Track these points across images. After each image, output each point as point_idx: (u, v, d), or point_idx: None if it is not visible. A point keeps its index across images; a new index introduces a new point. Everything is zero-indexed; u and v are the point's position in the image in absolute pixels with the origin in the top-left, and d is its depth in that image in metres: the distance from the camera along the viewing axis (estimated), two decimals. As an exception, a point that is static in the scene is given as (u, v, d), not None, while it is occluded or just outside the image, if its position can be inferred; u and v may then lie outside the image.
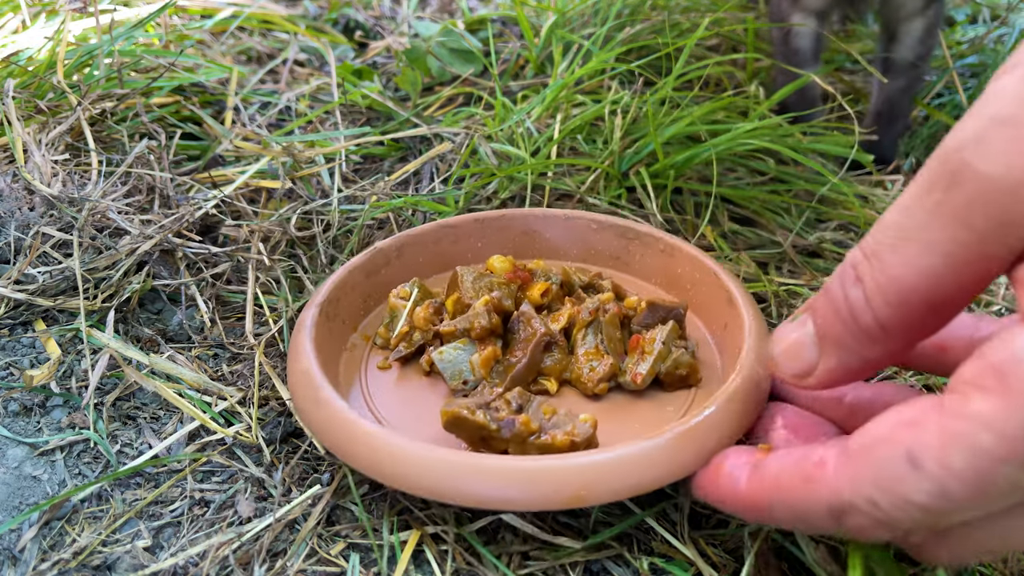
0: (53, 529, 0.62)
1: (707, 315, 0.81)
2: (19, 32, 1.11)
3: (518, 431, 0.62)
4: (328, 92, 1.23)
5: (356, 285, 0.80)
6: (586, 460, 0.58)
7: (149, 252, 0.83)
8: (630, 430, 0.69)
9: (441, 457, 0.58)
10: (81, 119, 0.93)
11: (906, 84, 1.14)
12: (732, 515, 0.61)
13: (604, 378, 0.72)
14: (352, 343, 0.78)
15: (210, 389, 0.74)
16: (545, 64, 1.25)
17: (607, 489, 0.57)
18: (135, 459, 0.67)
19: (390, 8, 1.53)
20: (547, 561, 0.61)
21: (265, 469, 0.67)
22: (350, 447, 0.61)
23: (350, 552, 0.61)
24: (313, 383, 0.65)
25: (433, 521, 0.63)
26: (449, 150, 1.06)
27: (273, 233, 0.90)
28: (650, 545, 0.63)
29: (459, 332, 0.73)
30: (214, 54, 1.27)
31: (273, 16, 1.40)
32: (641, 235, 0.87)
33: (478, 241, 0.89)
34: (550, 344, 0.74)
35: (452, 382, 0.72)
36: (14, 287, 0.79)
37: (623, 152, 1.03)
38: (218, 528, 0.62)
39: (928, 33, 1.12)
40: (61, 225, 0.83)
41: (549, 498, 0.57)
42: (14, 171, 0.87)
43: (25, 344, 0.77)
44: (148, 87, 1.03)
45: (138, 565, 0.59)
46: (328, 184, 1.01)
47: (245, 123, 1.11)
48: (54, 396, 0.72)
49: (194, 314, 0.82)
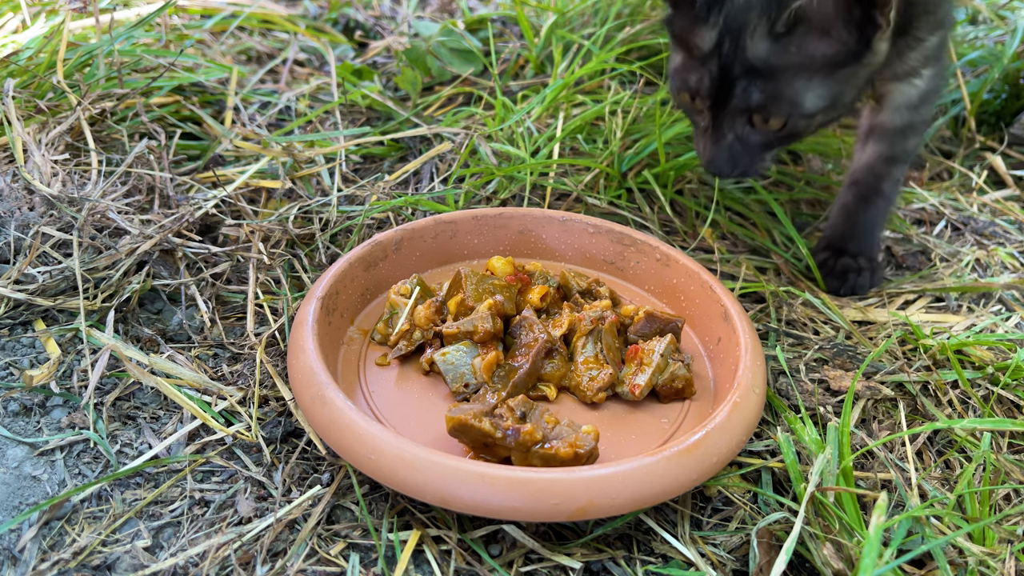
0: (53, 529, 0.62)
1: (701, 328, 0.81)
2: (19, 32, 1.11)
3: (522, 440, 0.63)
4: (328, 92, 1.23)
5: (355, 278, 0.80)
6: (591, 475, 0.59)
7: (149, 252, 0.83)
8: (627, 440, 0.70)
9: (450, 465, 0.58)
10: (81, 119, 0.93)
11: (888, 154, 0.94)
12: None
13: (603, 387, 0.72)
14: (350, 336, 0.79)
15: (210, 389, 0.73)
16: (545, 64, 1.25)
17: (611, 504, 0.58)
18: (135, 459, 0.67)
19: (390, 8, 1.53)
20: (548, 562, 0.61)
21: (265, 469, 0.67)
22: (355, 449, 0.61)
23: (350, 552, 0.61)
24: (316, 381, 0.65)
25: (434, 522, 0.63)
26: (449, 150, 1.06)
27: (273, 232, 0.90)
28: (650, 546, 0.63)
29: (462, 335, 0.74)
30: (214, 54, 1.27)
31: (273, 16, 1.40)
32: (638, 242, 0.88)
33: (475, 238, 0.89)
34: (551, 351, 0.74)
35: (453, 384, 0.72)
36: (14, 287, 0.79)
37: (623, 152, 1.03)
38: (218, 528, 0.62)
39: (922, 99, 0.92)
40: (61, 225, 0.83)
41: (555, 510, 0.57)
42: (14, 171, 0.87)
43: (25, 344, 0.77)
44: (148, 87, 1.03)
45: (138, 565, 0.59)
46: (328, 184, 1.01)
47: (245, 123, 1.11)
48: (54, 396, 0.72)
49: (194, 314, 0.82)
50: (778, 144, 0.83)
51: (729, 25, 0.77)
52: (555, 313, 0.79)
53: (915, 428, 0.71)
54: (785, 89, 0.78)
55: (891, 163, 0.94)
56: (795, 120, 0.79)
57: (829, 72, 0.78)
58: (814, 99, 0.78)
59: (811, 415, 0.74)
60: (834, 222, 0.96)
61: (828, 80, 0.78)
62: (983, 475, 0.68)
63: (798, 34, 0.75)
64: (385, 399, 0.72)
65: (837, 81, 0.78)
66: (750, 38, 0.76)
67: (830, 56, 0.77)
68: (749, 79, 0.77)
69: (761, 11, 0.76)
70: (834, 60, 0.77)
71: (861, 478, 0.69)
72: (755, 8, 0.76)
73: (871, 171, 0.94)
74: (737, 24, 0.77)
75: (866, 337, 0.84)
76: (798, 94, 0.78)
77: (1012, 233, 1.05)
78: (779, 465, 0.68)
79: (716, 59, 0.79)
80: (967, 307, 0.91)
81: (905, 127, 0.93)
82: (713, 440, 0.63)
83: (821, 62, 0.77)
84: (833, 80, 0.78)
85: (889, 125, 0.93)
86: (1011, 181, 1.14)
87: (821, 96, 0.78)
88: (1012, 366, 0.77)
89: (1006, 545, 0.62)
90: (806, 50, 0.76)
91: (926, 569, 0.61)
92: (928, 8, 0.85)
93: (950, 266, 0.98)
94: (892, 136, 0.93)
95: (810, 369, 0.80)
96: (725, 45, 0.78)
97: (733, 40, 0.77)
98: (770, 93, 0.78)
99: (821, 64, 0.77)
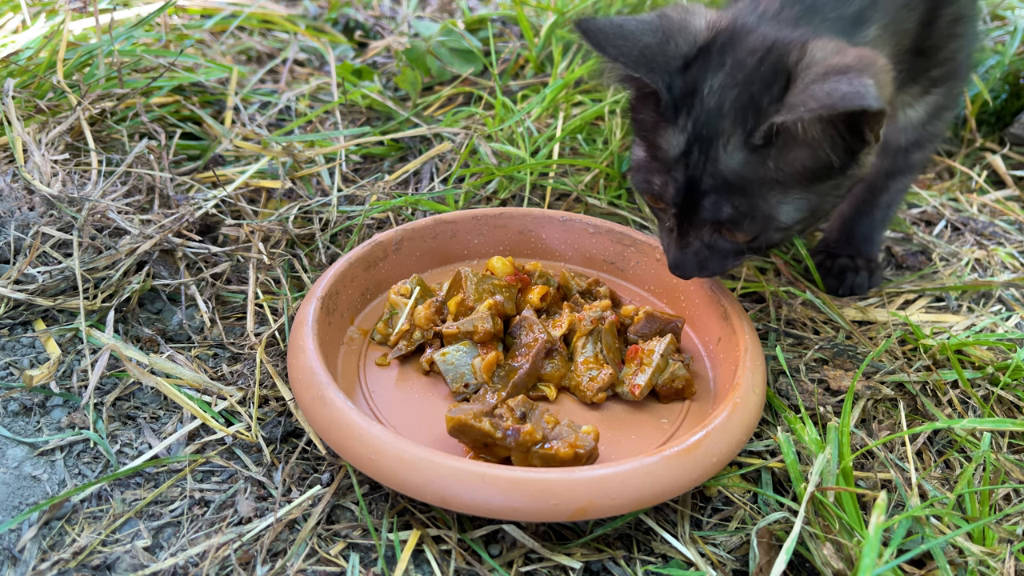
0: (53, 529, 0.62)
1: (701, 328, 0.81)
2: (19, 32, 1.11)
3: (522, 440, 0.63)
4: (328, 92, 1.23)
5: (355, 278, 0.80)
6: (591, 475, 0.59)
7: (149, 252, 0.83)
8: (627, 440, 0.70)
9: (450, 465, 0.58)
10: (81, 119, 0.93)
11: (889, 169, 0.89)
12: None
13: (603, 388, 0.72)
14: (350, 336, 0.79)
15: (210, 389, 0.73)
16: (545, 64, 1.25)
17: (611, 504, 0.58)
18: (135, 459, 0.67)
19: (390, 8, 1.53)
20: (548, 562, 0.61)
21: (265, 469, 0.67)
22: (355, 449, 0.61)
23: (350, 552, 0.61)
24: (316, 381, 0.65)
25: (434, 522, 0.63)
26: (449, 150, 1.06)
27: (273, 232, 0.90)
28: (650, 546, 0.63)
29: (462, 335, 0.74)
30: (214, 54, 1.27)
31: (273, 16, 1.40)
32: (638, 242, 0.88)
33: (475, 238, 0.89)
34: (551, 351, 0.74)
35: (454, 385, 0.72)
36: (14, 287, 0.79)
37: (623, 152, 1.03)
38: (218, 528, 0.62)
39: (933, 114, 0.83)
40: (61, 225, 0.83)
41: (555, 510, 0.58)
42: (14, 171, 0.87)
43: (25, 344, 0.77)
44: (148, 87, 1.03)
45: (138, 565, 0.59)
46: (328, 184, 1.01)
47: (245, 123, 1.11)
48: (54, 396, 0.72)
49: (194, 314, 0.82)
50: (751, 252, 0.74)
51: (699, 131, 0.68)
52: (555, 313, 0.79)
53: (915, 428, 0.71)
54: (760, 204, 0.69)
55: (892, 177, 0.90)
56: (769, 233, 0.71)
57: (808, 184, 0.69)
58: (790, 212, 0.70)
59: (811, 415, 0.74)
60: (832, 227, 0.95)
61: (807, 193, 0.69)
62: (983, 475, 0.68)
63: (777, 146, 0.66)
64: (385, 399, 0.72)
65: (817, 193, 0.69)
66: (723, 148, 0.67)
67: (810, 169, 0.67)
68: (720, 194, 0.69)
69: (736, 119, 0.66)
70: (814, 173, 0.68)
71: (861, 478, 0.69)
72: (729, 115, 0.67)
73: (869, 186, 0.90)
74: (708, 131, 0.67)
75: (866, 337, 0.84)
76: (773, 208, 0.69)
77: (1012, 233, 1.04)
78: (779, 465, 0.68)
79: (683, 167, 0.69)
80: (967, 307, 0.91)
81: (911, 145, 0.87)
82: (713, 440, 0.63)
83: (800, 175, 0.68)
84: (812, 192, 0.69)
85: (893, 143, 0.87)
86: (1011, 181, 1.14)
87: (798, 209, 0.70)
88: (1012, 366, 0.77)
89: (1006, 545, 0.62)
90: (785, 163, 0.67)
91: (926, 569, 0.61)
92: (940, 45, 0.78)
93: (950, 266, 0.98)
94: (895, 153, 0.88)
95: (810, 369, 0.80)
96: (694, 154, 0.68)
97: (703, 149, 0.68)
98: (743, 209, 0.69)
99: (800, 177, 0.68)
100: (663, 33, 0.70)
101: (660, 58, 0.69)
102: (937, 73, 0.79)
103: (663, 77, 0.69)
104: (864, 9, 0.70)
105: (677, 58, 0.69)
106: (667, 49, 0.69)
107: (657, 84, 0.68)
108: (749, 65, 0.67)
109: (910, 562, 0.62)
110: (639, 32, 0.69)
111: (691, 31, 0.70)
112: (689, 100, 0.68)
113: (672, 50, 0.69)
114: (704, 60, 0.69)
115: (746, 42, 0.68)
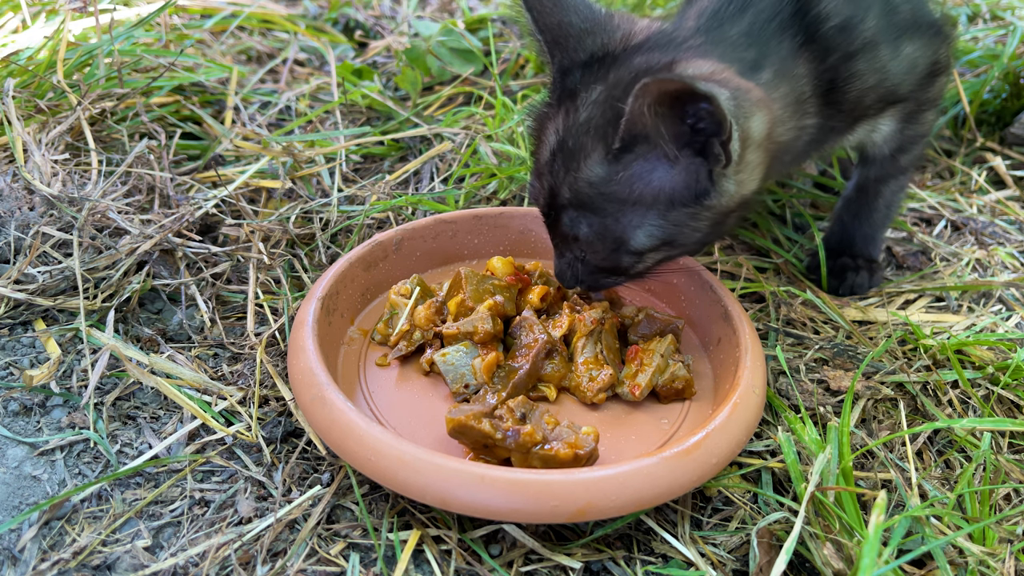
0: (53, 529, 0.62)
1: (701, 328, 0.81)
2: (19, 32, 1.11)
3: (522, 441, 0.63)
4: (328, 92, 1.23)
5: (355, 278, 0.80)
6: (591, 476, 0.59)
7: (149, 252, 0.83)
8: (627, 441, 0.70)
9: (450, 467, 0.58)
10: (81, 119, 0.93)
11: (878, 175, 0.88)
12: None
13: (603, 388, 0.72)
14: (350, 336, 0.79)
15: (210, 389, 0.74)
16: (545, 63, 1.25)
17: (610, 505, 0.58)
18: (135, 459, 0.67)
19: (390, 8, 1.53)
20: (548, 562, 0.61)
21: (265, 469, 0.67)
22: (355, 450, 0.61)
23: (350, 552, 0.61)
24: (316, 382, 0.65)
25: (434, 522, 0.63)
26: (449, 150, 1.06)
27: (273, 232, 0.90)
28: (650, 546, 0.63)
29: (462, 335, 0.74)
30: (214, 54, 1.27)
31: (273, 16, 1.40)
32: None
33: (475, 238, 0.89)
34: (551, 351, 0.74)
35: (454, 385, 0.72)
36: (14, 287, 0.79)
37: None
38: (218, 528, 0.62)
39: (912, 115, 0.82)
40: (61, 225, 0.83)
41: (555, 511, 0.57)
42: (14, 171, 0.87)
43: (25, 344, 0.77)
44: (148, 87, 1.03)
45: (138, 565, 0.59)
46: (328, 184, 1.01)
47: (245, 123, 1.11)
48: (54, 396, 0.72)
49: (194, 314, 0.82)
50: (618, 275, 0.72)
51: (565, 141, 0.65)
52: (555, 313, 0.79)
53: (915, 428, 0.71)
54: (612, 225, 0.66)
55: (882, 182, 0.89)
56: (619, 256, 0.68)
57: (665, 210, 0.66)
58: (642, 238, 0.67)
59: (811, 415, 0.74)
60: (831, 229, 0.95)
61: (662, 220, 0.66)
62: (983, 475, 0.68)
63: (638, 153, 0.63)
64: (385, 400, 0.72)
65: (673, 222, 0.66)
66: (583, 162, 0.65)
67: (667, 191, 0.65)
68: (577, 210, 0.66)
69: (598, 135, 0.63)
70: (671, 197, 0.65)
71: (861, 478, 0.69)
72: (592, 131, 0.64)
73: (862, 191, 0.90)
74: (573, 144, 0.65)
75: (866, 337, 0.84)
76: (625, 230, 0.66)
77: (1012, 233, 1.04)
78: (779, 465, 0.68)
79: (549, 175, 0.67)
80: (967, 307, 0.90)
81: (895, 151, 0.85)
82: (713, 441, 0.63)
83: (656, 195, 0.65)
84: (668, 220, 0.66)
85: (876, 153, 0.86)
86: (1011, 181, 1.14)
87: (651, 236, 0.67)
88: (1012, 366, 0.77)
89: (1006, 545, 0.62)
90: (639, 180, 0.64)
91: (926, 569, 0.61)
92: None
93: (950, 266, 0.97)
94: (881, 160, 0.87)
95: (810, 369, 0.80)
96: (557, 164, 0.66)
97: (565, 161, 0.65)
98: (596, 228, 0.66)
99: (656, 198, 0.65)
100: (592, 23, 0.67)
101: (572, 41, 0.66)
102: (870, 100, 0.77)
103: (564, 57, 0.65)
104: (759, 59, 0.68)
105: (586, 52, 0.66)
106: (584, 38, 0.66)
107: (551, 60, 0.65)
108: (623, 83, 0.64)
109: (910, 562, 0.62)
110: (573, 9, 0.67)
111: (611, 34, 0.67)
112: (571, 102, 0.66)
113: (588, 43, 0.67)
114: (598, 67, 0.66)
115: (633, 62, 0.66)
